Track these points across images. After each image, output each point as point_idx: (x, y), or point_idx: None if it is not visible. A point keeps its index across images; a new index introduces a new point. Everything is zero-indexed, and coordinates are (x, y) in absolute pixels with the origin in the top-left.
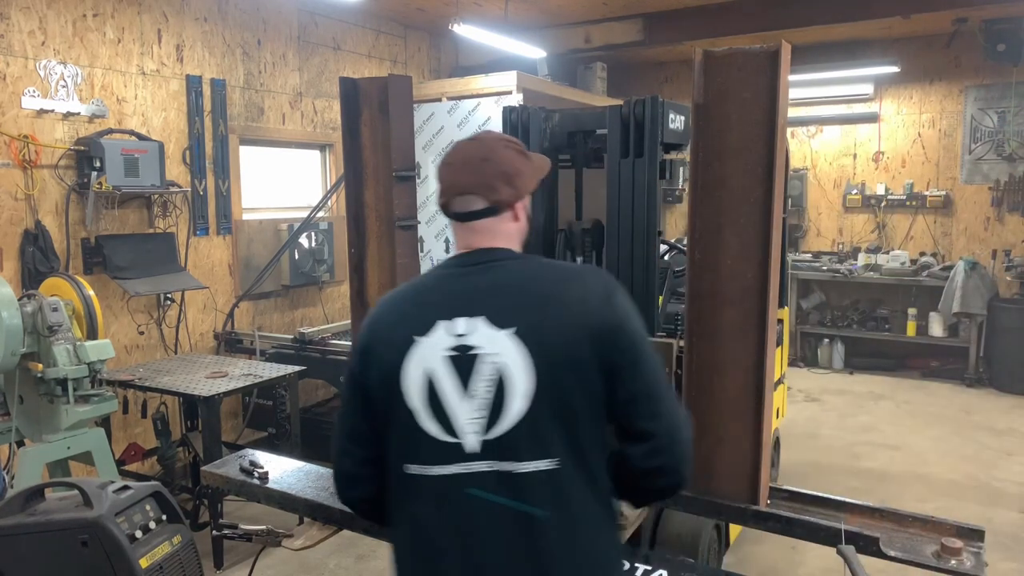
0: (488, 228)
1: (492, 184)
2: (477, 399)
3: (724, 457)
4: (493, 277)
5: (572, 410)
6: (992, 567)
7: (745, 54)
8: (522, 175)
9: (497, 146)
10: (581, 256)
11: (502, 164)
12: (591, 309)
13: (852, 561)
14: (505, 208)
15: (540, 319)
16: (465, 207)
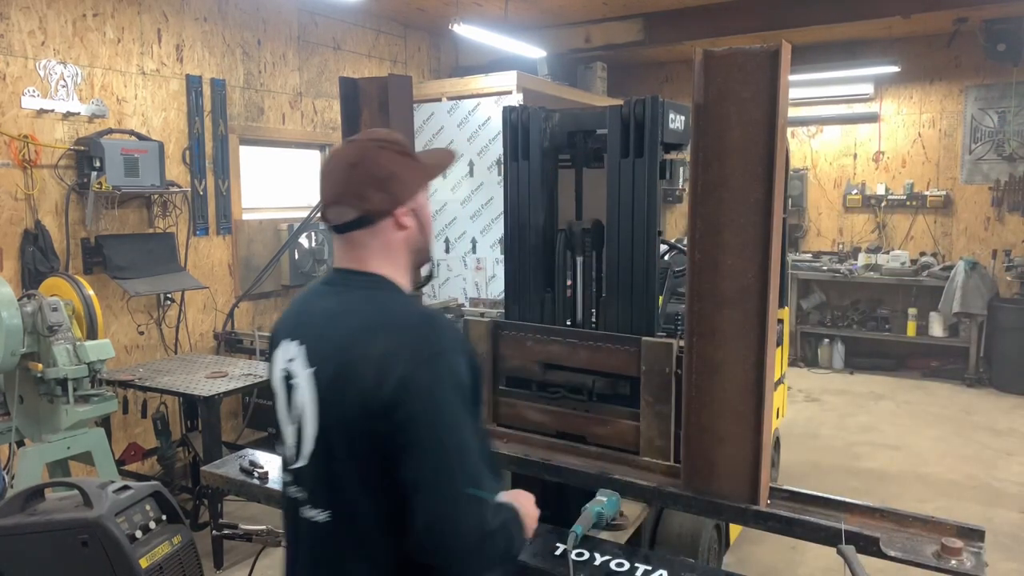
0: (362, 241)
1: (361, 192)
2: (292, 427)
3: (724, 457)
4: (329, 306)
5: (343, 471)
6: (992, 567)
7: (745, 54)
8: (398, 178)
9: (370, 148)
10: (581, 256)
11: (373, 168)
12: (382, 376)
13: (852, 561)
14: (381, 217)
15: (336, 369)
16: (337, 218)
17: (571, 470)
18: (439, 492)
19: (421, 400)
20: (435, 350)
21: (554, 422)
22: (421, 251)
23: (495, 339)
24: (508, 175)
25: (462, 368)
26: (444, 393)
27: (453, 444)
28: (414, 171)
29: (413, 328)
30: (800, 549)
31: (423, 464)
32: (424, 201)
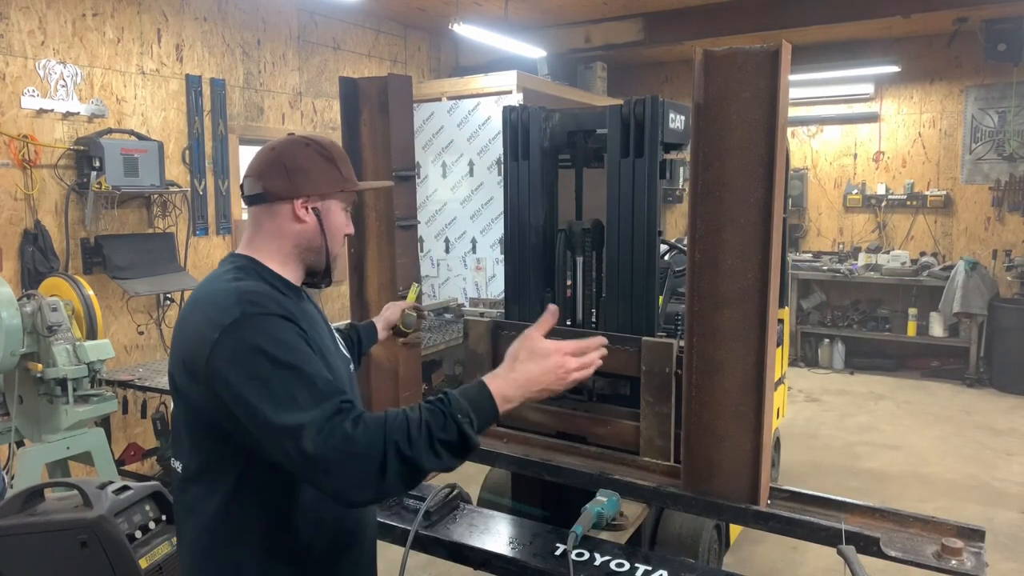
0: (259, 220)
1: (267, 172)
2: None
3: (724, 457)
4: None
5: (186, 426)
6: (992, 567)
7: (745, 54)
8: (304, 172)
9: (296, 142)
10: (581, 256)
11: (286, 157)
12: (196, 348)
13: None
14: (277, 200)
15: (177, 336)
16: (246, 189)
17: (571, 470)
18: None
19: (228, 366)
20: (233, 317)
21: (554, 422)
22: (314, 253)
23: (495, 339)
24: (508, 175)
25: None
26: (247, 353)
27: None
28: (326, 174)
29: (220, 300)
30: (800, 549)
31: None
32: (336, 210)
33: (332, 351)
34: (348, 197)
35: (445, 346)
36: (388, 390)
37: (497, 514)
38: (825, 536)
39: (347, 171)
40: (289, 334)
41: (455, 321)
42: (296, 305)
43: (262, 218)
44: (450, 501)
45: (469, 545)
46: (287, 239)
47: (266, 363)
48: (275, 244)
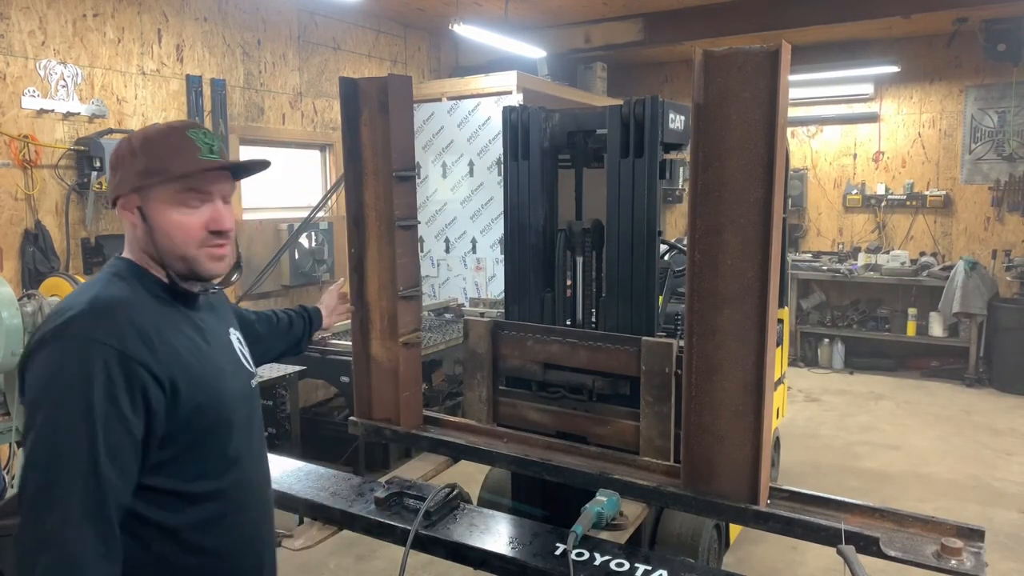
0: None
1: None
2: None
3: (724, 457)
4: None
5: None
6: (992, 567)
7: (745, 54)
8: (116, 171)
9: (122, 141)
10: (581, 256)
11: (112, 155)
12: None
13: (852, 561)
14: (112, 201)
15: None
16: None
17: (571, 470)
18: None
19: (30, 383)
20: (60, 333)
21: (554, 422)
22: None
23: (495, 339)
24: (508, 175)
25: (93, 362)
26: (43, 380)
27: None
28: (131, 168)
29: (62, 308)
30: (800, 549)
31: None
32: (160, 204)
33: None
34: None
35: (445, 346)
36: (388, 390)
37: (497, 514)
38: (825, 536)
39: (153, 161)
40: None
41: (455, 321)
42: (167, 315)
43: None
44: (450, 501)
45: (469, 545)
46: (134, 240)
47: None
48: (131, 246)
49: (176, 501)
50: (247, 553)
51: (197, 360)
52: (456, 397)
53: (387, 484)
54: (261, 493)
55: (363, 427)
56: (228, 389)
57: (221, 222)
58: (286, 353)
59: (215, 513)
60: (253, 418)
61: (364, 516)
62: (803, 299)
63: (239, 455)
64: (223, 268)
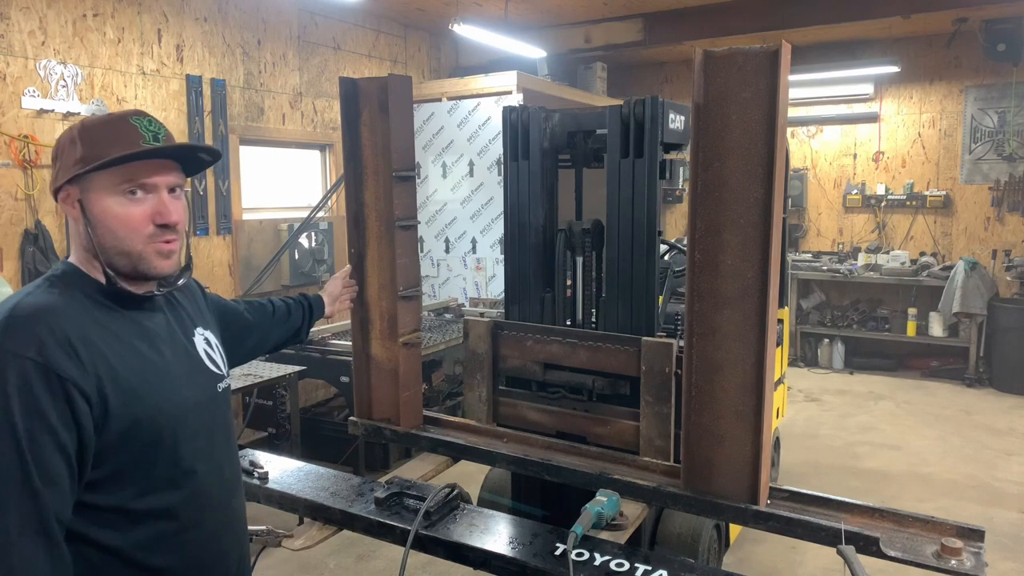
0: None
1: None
2: None
3: (724, 457)
4: None
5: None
6: (992, 567)
7: (745, 54)
8: (59, 161)
9: (74, 124)
10: (581, 256)
11: (55, 144)
12: None
13: (852, 561)
14: (55, 197)
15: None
16: None
17: (571, 470)
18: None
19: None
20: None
21: (554, 422)
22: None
23: (495, 339)
24: (508, 175)
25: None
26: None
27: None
28: (69, 157)
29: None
30: (800, 549)
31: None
32: (99, 196)
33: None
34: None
35: (445, 346)
36: (388, 390)
37: (497, 514)
38: (825, 536)
39: (91, 148)
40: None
41: (455, 321)
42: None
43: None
44: (450, 501)
45: (469, 545)
46: (75, 238)
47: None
48: (75, 245)
49: (120, 519)
50: (205, 569)
51: (135, 370)
52: (456, 397)
53: (387, 484)
54: (223, 505)
55: (363, 427)
56: (177, 399)
57: (167, 215)
58: (286, 343)
59: (165, 530)
60: (215, 425)
61: (364, 516)
62: (803, 299)
63: (193, 468)
64: (171, 266)
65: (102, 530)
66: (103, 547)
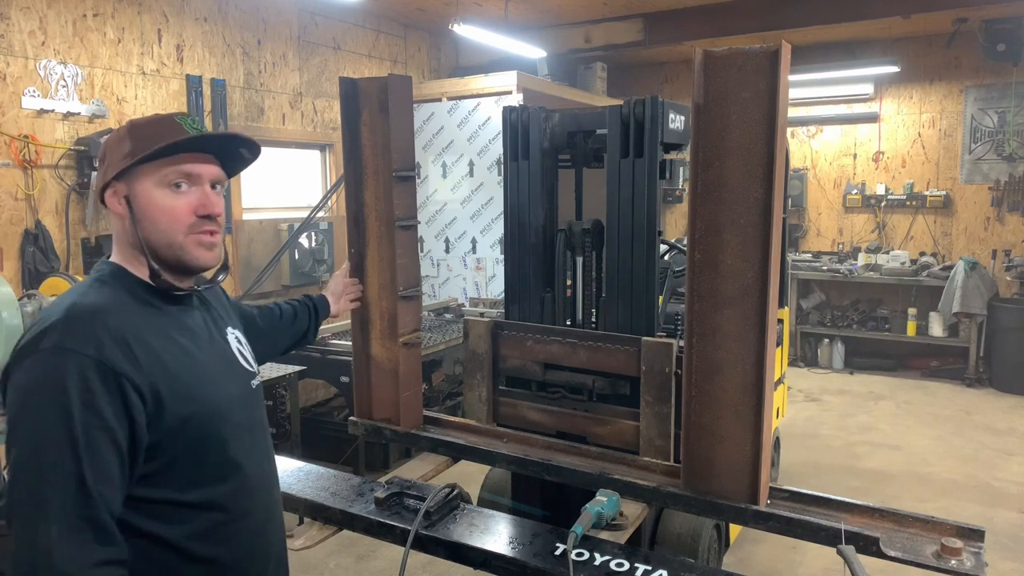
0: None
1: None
2: None
3: (724, 457)
4: None
5: None
6: (992, 567)
7: (745, 54)
8: (107, 159)
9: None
10: (581, 256)
11: (102, 145)
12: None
13: (852, 561)
14: (99, 196)
15: None
16: None
17: (571, 470)
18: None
19: (10, 401)
20: (35, 346)
21: (554, 422)
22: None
23: (495, 339)
24: (508, 175)
25: (69, 372)
26: (32, 397)
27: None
28: (118, 152)
29: (39, 319)
30: (800, 549)
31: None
32: (147, 190)
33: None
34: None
35: (445, 346)
36: (388, 390)
37: (497, 514)
38: (825, 536)
39: (139, 143)
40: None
41: (455, 321)
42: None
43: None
44: (450, 501)
45: (469, 545)
46: (121, 236)
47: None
48: (119, 244)
49: (172, 511)
50: (253, 559)
51: (185, 367)
52: (456, 397)
53: (387, 484)
54: (266, 496)
55: (363, 427)
56: (222, 395)
57: (211, 206)
58: (294, 347)
59: (215, 522)
60: (255, 420)
61: (364, 516)
62: (803, 299)
63: (238, 461)
64: (213, 259)
65: (154, 522)
66: (156, 539)
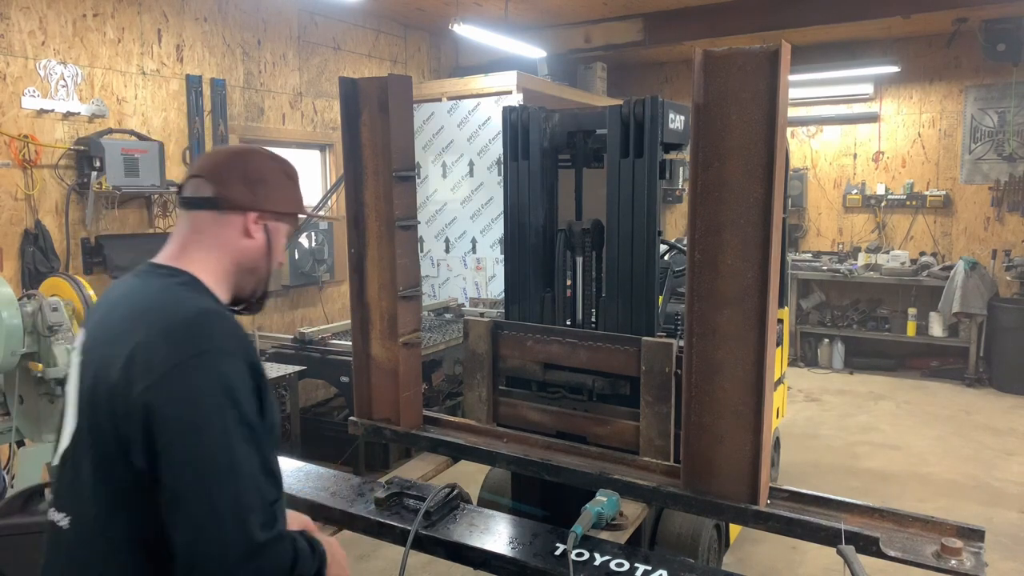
0: (200, 227)
1: (227, 177)
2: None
3: (724, 457)
4: (119, 292)
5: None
6: (992, 567)
7: (745, 54)
8: (268, 186)
9: (260, 153)
10: (581, 256)
11: (250, 166)
12: (133, 374)
13: (852, 561)
14: (232, 209)
15: (97, 362)
16: (191, 190)
17: (571, 470)
18: (198, 509)
19: (177, 404)
20: (200, 348)
21: (554, 422)
22: (253, 275)
23: (495, 339)
24: (508, 175)
25: (236, 372)
26: (205, 398)
27: (213, 456)
28: (287, 193)
29: (179, 322)
30: (800, 549)
31: (181, 476)
32: (282, 234)
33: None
34: (294, 224)
35: (445, 346)
36: (388, 390)
37: (497, 514)
38: (825, 536)
39: (300, 195)
40: (250, 394)
41: (455, 321)
42: None
43: (206, 226)
44: (450, 501)
45: (469, 545)
46: (228, 254)
47: (236, 419)
48: (214, 256)
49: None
50: None
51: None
52: (456, 397)
53: (387, 484)
54: None
55: (363, 427)
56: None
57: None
58: None
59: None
60: None
61: (364, 516)
62: (803, 299)
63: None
64: None
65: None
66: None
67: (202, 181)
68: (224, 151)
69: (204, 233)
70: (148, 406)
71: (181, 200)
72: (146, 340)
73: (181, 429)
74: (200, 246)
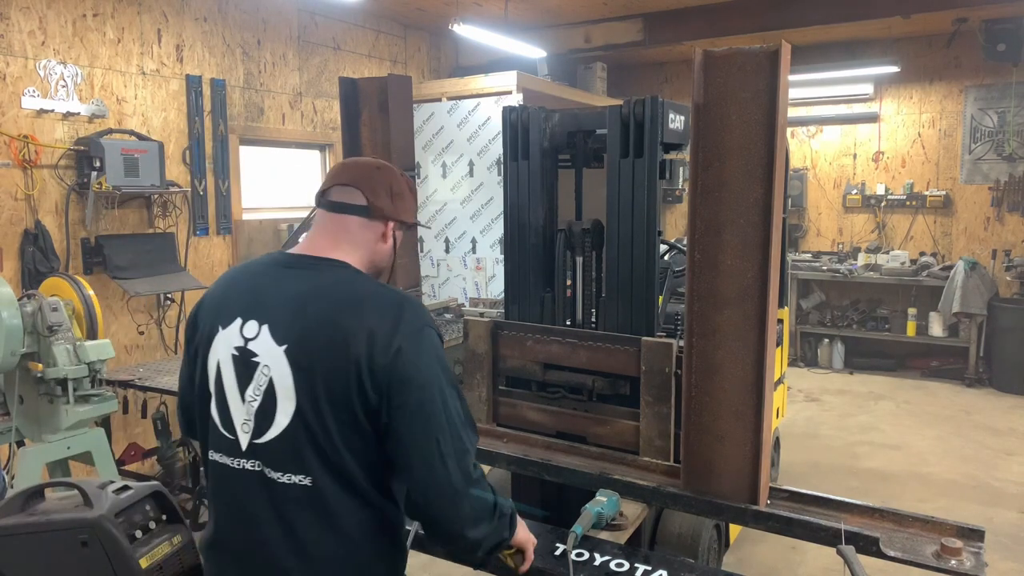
0: (351, 228)
1: (377, 189)
2: (247, 404)
3: (724, 457)
4: (297, 287)
5: (330, 437)
6: (992, 567)
7: (745, 54)
8: (404, 200)
9: (394, 171)
10: (581, 256)
11: (392, 180)
12: (375, 347)
13: (852, 561)
14: (377, 217)
15: (319, 344)
16: (342, 197)
17: (571, 470)
18: (429, 451)
19: (412, 368)
20: (419, 324)
21: (554, 422)
22: (381, 272)
23: (495, 339)
24: (508, 175)
25: (439, 342)
26: (431, 362)
27: (437, 409)
28: (411, 205)
29: (396, 305)
30: (800, 549)
31: (413, 425)
32: (400, 239)
33: None
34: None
35: (445, 346)
36: None
37: None
38: (825, 536)
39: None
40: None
41: (455, 321)
42: None
43: (355, 228)
44: None
45: None
46: (368, 254)
47: (447, 380)
48: (359, 254)
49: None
50: None
51: None
52: None
53: None
54: None
55: None
56: None
57: None
58: None
59: None
60: None
61: None
62: (803, 299)
63: None
64: None
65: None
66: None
67: (354, 190)
68: (366, 165)
69: (353, 234)
70: (390, 372)
71: (330, 204)
72: (380, 321)
73: (414, 388)
74: (352, 245)
